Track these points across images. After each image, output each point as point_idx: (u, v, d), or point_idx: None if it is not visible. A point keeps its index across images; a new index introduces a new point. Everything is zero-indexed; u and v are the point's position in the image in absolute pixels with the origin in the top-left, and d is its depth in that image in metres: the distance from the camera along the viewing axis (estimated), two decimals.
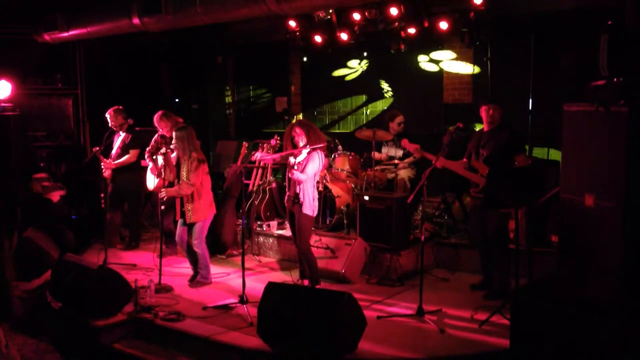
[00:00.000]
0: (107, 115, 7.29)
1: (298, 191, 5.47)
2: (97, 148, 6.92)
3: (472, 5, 7.38)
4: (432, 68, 8.74)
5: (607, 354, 3.51)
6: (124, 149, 7.28)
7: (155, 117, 6.93)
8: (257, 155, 5.97)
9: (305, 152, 5.52)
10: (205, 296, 5.75)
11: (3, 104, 7.68)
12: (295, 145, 5.56)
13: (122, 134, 7.31)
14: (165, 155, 5.97)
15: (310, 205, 5.49)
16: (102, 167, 7.09)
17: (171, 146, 5.94)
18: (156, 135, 7.11)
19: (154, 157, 6.34)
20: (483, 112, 5.54)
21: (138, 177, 7.44)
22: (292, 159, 5.61)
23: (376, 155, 7.19)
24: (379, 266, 6.25)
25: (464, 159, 5.72)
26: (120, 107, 7.36)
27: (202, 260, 6.04)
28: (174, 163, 5.99)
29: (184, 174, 5.83)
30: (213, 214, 6.13)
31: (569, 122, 3.93)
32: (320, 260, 5.92)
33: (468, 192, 6.46)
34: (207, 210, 5.97)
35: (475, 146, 5.60)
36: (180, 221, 6.02)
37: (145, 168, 7.41)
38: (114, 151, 7.29)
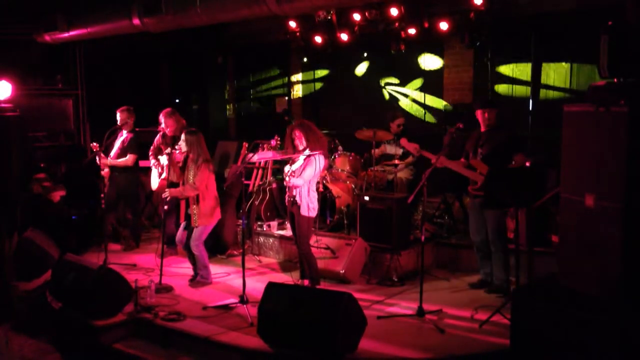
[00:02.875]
0: (118, 113, 7.21)
1: (295, 193, 5.49)
2: (97, 145, 6.87)
3: (473, 5, 7.39)
4: (432, 68, 8.74)
5: (607, 354, 3.52)
6: (124, 150, 7.27)
7: (164, 113, 6.92)
8: (255, 157, 5.95)
9: (302, 158, 5.53)
10: (205, 296, 5.75)
11: (3, 105, 7.66)
12: (295, 147, 5.58)
13: (125, 134, 7.30)
14: (170, 155, 5.97)
15: (308, 207, 5.49)
16: (99, 164, 7.03)
17: (176, 146, 5.94)
18: (158, 136, 7.11)
19: (158, 157, 6.35)
20: (479, 115, 5.67)
21: (136, 178, 7.44)
22: (287, 167, 5.62)
23: (376, 151, 7.20)
24: (379, 266, 6.25)
25: (462, 159, 5.79)
26: (132, 107, 7.32)
27: (201, 261, 6.04)
28: (181, 164, 6.00)
29: (190, 177, 5.84)
30: (218, 219, 6.14)
31: (569, 122, 3.93)
32: (321, 261, 5.92)
33: (467, 191, 6.45)
34: (211, 216, 5.97)
35: (473, 145, 5.69)
36: (184, 223, 6.02)
37: (144, 169, 7.41)
38: (114, 151, 7.27)
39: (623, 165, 3.48)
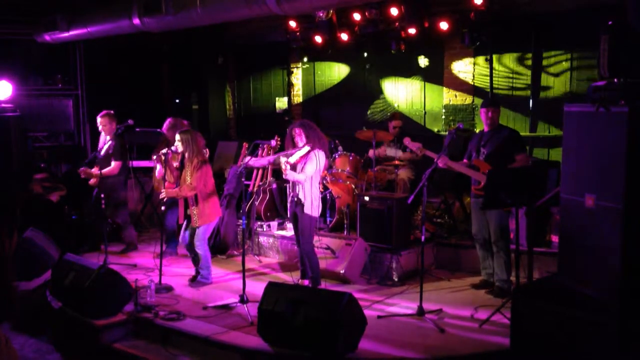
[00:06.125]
0: (98, 118, 6.93)
1: (298, 192, 5.48)
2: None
3: (473, 5, 7.37)
4: (433, 68, 8.73)
5: (607, 354, 3.52)
6: (107, 157, 6.97)
7: (166, 126, 6.78)
8: (248, 160, 5.73)
9: (298, 152, 5.50)
10: (205, 296, 5.75)
11: (4, 105, 7.68)
12: (295, 145, 5.56)
13: (108, 140, 6.99)
14: (165, 156, 5.98)
15: (312, 206, 5.49)
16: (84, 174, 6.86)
17: (172, 148, 5.94)
18: (161, 139, 7.08)
19: (156, 158, 6.35)
20: (482, 114, 5.73)
21: (120, 182, 7.15)
22: (282, 159, 5.44)
23: (377, 152, 7.17)
24: (379, 266, 6.25)
25: (465, 160, 5.81)
26: (112, 112, 7.03)
27: (204, 261, 6.04)
28: (178, 165, 5.99)
29: (187, 177, 5.84)
30: (218, 217, 6.14)
31: (569, 123, 3.94)
32: (321, 261, 5.91)
33: (469, 192, 6.44)
34: (212, 214, 5.98)
35: (476, 145, 5.75)
36: (185, 223, 6.02)
37: (143, 169, 7.34)
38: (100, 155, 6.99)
39: (623, 165, 3.48)
